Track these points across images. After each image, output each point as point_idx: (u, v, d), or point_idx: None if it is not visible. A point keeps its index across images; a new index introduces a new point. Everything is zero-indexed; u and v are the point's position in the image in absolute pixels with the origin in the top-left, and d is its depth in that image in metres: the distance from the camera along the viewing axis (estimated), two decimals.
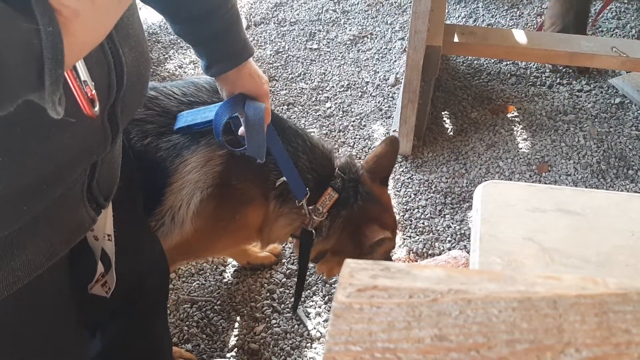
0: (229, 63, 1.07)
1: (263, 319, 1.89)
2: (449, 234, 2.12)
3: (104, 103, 0.65)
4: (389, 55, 2.99)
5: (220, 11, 1.01)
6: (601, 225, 0.96)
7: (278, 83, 2.82)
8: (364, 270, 0.44)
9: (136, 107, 0.79)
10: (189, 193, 1.29)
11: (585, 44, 2.34)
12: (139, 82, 0.74)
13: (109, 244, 0.86)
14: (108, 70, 0.64)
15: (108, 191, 0.78)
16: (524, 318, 0.40)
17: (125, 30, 0.68)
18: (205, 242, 1.45)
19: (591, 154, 2.40)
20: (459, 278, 0.43)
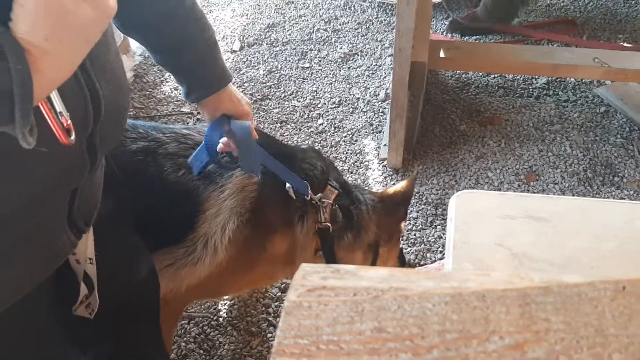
0: (208, 89, 1.12)
1: (259, 333, 1.93)
2: (440, 245, 2.17)
3: (82, 133, 0.69)
4: (379, 71, 3.06)
5: (198, 41, 1.07)
6: (567, 229, 1.01)
7: (271, 102, 2.88)
8: (316, 273, 0.50)
9: (116, 137, 0.83)
10: (225, 219, 1.31)
11: (567, 55, 2.40)
12: (117, 112, 0.79)
13: (91, 267, 0.89)
14: (85, 102, 0.68)
15: (88, 216, 0.81)
16: (454, 311, 0.46)
17: (102, 64, 0.72)
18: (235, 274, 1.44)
19: (578, 163, 2.45)
20: (400, 277, 0.48)
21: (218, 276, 1.37)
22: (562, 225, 1.02)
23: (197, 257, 1.32)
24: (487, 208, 1.06)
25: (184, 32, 1.05)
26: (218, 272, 1.36)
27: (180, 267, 1.32)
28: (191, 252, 1.31)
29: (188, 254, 1.32)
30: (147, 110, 2.80)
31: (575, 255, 0.97)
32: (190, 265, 1.32)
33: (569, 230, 1.01)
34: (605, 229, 1.02)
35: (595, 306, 0.46)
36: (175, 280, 1.34)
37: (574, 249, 0.98)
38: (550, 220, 1.03)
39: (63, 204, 0.74)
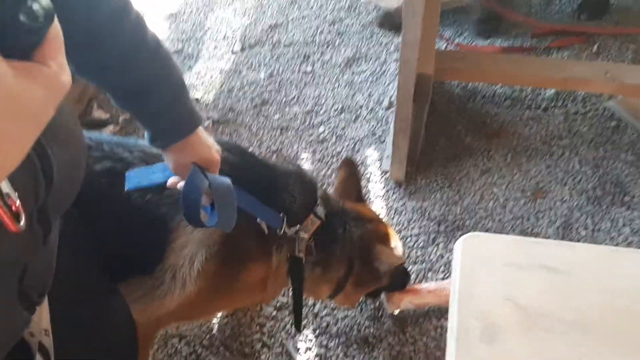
0: (176, 136, 1.01)
1: (252, 354, 1.86)
2: (442, 264, 2.09)
3: (31, 207, 0.61)
4: (383, 77, 2.97)
5: (162, 86, 0.95)
6: (581, 282, 0.94)
7: (271, 107, 2.80)
8: None
9: (71, 197, 0.75)
10: (192, 251, 1.28)
11: (578, 68, 2.32)
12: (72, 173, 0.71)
13: (47, 339, 0.81)
14: (35, 174, 0.60)
15: (42, 287, 0.74)
16: None
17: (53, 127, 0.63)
18: (207, 303, 1.43)
19: (587, 180, 2.37)
20: None
21: (189, 306, 1.34)
22: (577, 277, 0.95)
23: (166, 290, 1.29)
24: (496, 254, 0.99)
25: (147, 76, 0.93)
26: (188, 303, 1.32)
27: (149, 301, 1.29)
28: (159, 285, 1.28)
29: (156, 287, 1.28)
30: None
31: (591, 314, 0.89)
32: (159, 298, 1.29)
33: (584, 283, 0.94)
34: (622, 281, 0.95)
35: None
36: (145, 312, 1.30)
37: (590, 306, 0.91)
38: (564, 271, 0.95)
39: (13, 283, 0.65)
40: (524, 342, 0.85)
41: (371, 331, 1.90)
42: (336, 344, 1.87)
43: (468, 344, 0.85)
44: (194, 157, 1.04)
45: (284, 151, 2.55)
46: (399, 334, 1.89)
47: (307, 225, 1.43)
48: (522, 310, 0.90)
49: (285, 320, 1.94)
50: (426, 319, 1.92)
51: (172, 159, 1.05)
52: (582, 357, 0.83)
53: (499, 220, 2.24)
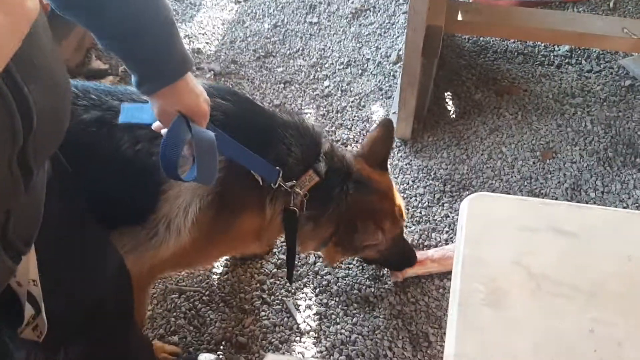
0: (164, 79, 0.94)
1: (252, 311, 1.84)
2: (446, 224, 2.05)
3: (9, 150, 0.58)
4: (391, 30, 2.87)
5: (150, 25, 0.88)
6: (596, 248, 0.89)
7: (275, 59, 2.72)
8: None
9: (55, 143, 0.71)
10: (186, 201, 1.25)
11: (594, 23, 2.22)
12: (55, 117, 0.67)
13: (35, 288, 0.79)
14: (10, 115, 0.56)
15: (28, 236, 0.71)
16: None
17: (30, 64, 0.59)
18: (202, 251, 1.43)
19: (598, 140, 2.30)
20: None
21: (183, 255, 1.34)
22: (590, 242, 0.90)
23: (160, 240, 1.27)
24: (505, 216, 0.94)
25: (135, 14, 0.86)
26: (182, 252, 1.32)
27: (143, 251, 1.28)
28: (154, 235, 1.27)
29: (150, 237, 1.27)
30: None
31: (604, 280, 0.85)
32: (154, 247, 1.28)
33: (597, 248, 0.89)
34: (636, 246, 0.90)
35: None
36: (140, 261, 1.29)
37: (603, 272, 0.86)
38: (578, 235, 0.90)
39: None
40: (530, 308, 0.81)
41: (372, 290, 1.88)
42: (336, 302, 1.85)
43: (471, 308, 0.81)
44: (180, 105, 0.98)
45: (287, 105, 2.48)
46: (400, 293, 1.86)
47: (304, 181, 1.40)
48: (530, 275, 0.85)
49: (285, 278, 1.91)
50: (428, 279, 1.89)
51: (157, 104, 0.99)
52: (591, 323, 0.79)
53: (507, 180, 2.18)
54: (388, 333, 1.77)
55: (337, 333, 1.78)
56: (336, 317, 1.82)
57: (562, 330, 0.79)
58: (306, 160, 1.41)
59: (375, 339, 1.76)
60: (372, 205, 1.52)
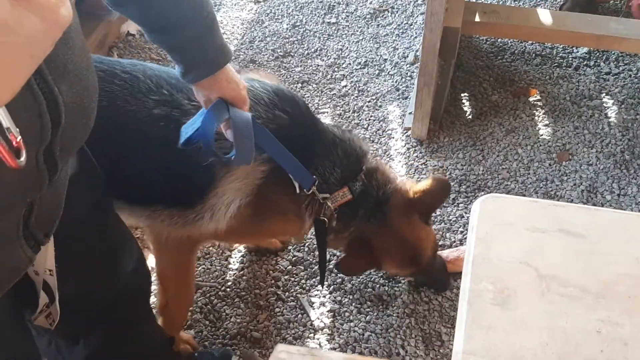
0: (205, 70, 1.03)
1: (267, 307, 1.87)
2: (461, 224, 2.06)
3: (37, 146, 0.61)
4: (409, 30, 2.88)
5: (194, 19, 0.96)
6: (605, 249, 0.90)
7: (293, 59, 2.75)
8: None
9: (81, 139, 0.75)
10: (229, 199, 1.39)
11: (613, 25, 2.21)
12: (82, 116, 0.70)
13: (51, 278, 0.83)
14: (39, 113, 0.59)
15: (49, 227, 0.74)
16: None
17: (62, 65, 0.63)
18: (236, 237, 1.67)
19: (615, 143, 2.30)
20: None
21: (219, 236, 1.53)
22: (599, 243, 0.91)
23: (203, 224, 1.41)
24: (515, 217, 0.95)
25: (180, 9, 0.94)
26: (219, 234, 1.48)
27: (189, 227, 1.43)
28: (199, 219, 1.41)
29: (197, 220, 1.41)
30: (164, 62, 2.68)
31: (612, 282, 0.86)
32: (198, 227, 1.42)
33: (606, 250, 0.90)
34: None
35: None
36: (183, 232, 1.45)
37: (611, 273, 0.87)
38: (587, 236, 0.92)
39: (17, 221, 0.66)
40: (538, 307, 0.82)
41: (385, 289, 1.90)
42: (350, 300, 1.87)
43: (480, 306, 0.82)
44: (220, 92, 1.07)
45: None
46: (413, 292, 1.88)
47: (337, 196, 1.47)
48: (539, 275, 0.87)
49: (300, 275, 1.94)
50: None
51: (201, 93, 1.10)
52: (599, 324, 0.80)
53: (522, 182, 2.19)
54: (401, 331, 1.79)
55: (350, 330, 1.80)
56: (350, 314, 1.84)
57: (569, 330, 0.80)
58: (344, 178, 1.48)
59: (388, 337, 1.78)
60: (376, 238, 1.56)
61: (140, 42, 2.80)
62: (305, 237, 1.95)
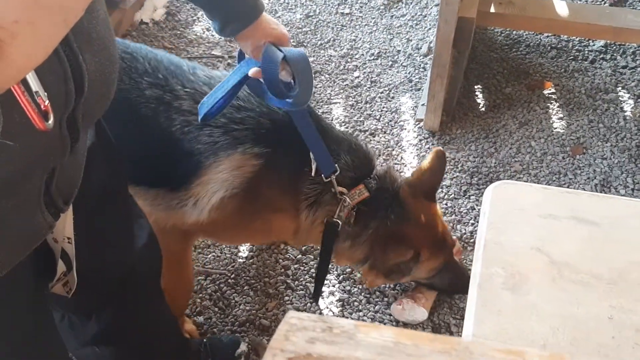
0: (242, 23, 1.08)
1: (276, 295, 1.87)
2: (472, 217, 2.05)
3: (61, 112, 0.62)
4: (423, 22, 2.86)
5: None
6: (618, 237, 0.89)
7: (306, 49, 2.74)
8: (303, 330, 0.40)
9: (101, 110, 0.76)
10: (214, 188, 1.37)
11: (631, 18, 2.18)
12: (104, 85, 0.71)
13: (69, 246, 0.84)
14: (65, 79, 0.61)
15: (68, 194, 0.75)
16: None
17: (87, 34, 0.64)
18: (219, 232, 1.55)
19: (630, 137, 2.27)
20: (407, 347, 0.38)
21: (205, 229, 1.47)
22: (612, 231, 0.90)
23: (187, 211, 1.40)
24: (528, 204, 0.94)
25: None
26: (204, 227, 1.44)
27: (172, 213, 1.41)
28: (182, 206, 1.40)
29: (181, 206, 1.40)
30: (177, 51, 2.69)
31: (625, 269, 0.85)
32: (181, 215, 1.41)
33: (620, 237, 0.89)
34: None
35: None
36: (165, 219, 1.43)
37: (624, 261, 0.86)
38: (600, 224, 0.90)
39: (39, 186, 0.67)
40: (549, 293, 0.81)
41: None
42: (359, 290, 1.87)
43: (490, 291, 0.82)
44: (266, 36, 1.10)
45: (316, 95, 2.50)
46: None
47: (354, 193, 1.42)
48: (550, 261, 0.86)
49: (309, 265, 1.93)
50: None
51: (247, 43, 1.13)
52: (610, 310, 0.79)
53: (535, 175, 2.17)
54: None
55: (359, 320, 1.80)
56: (358, 304, 1.83)
57: (581, 316, 0.79)
58: (358, 174, 1.44)
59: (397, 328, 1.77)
60: (407, 230, 1.49)
61: (153, 31, 2.81)
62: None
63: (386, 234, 1.46)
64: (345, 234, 1.46)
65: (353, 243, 1.48)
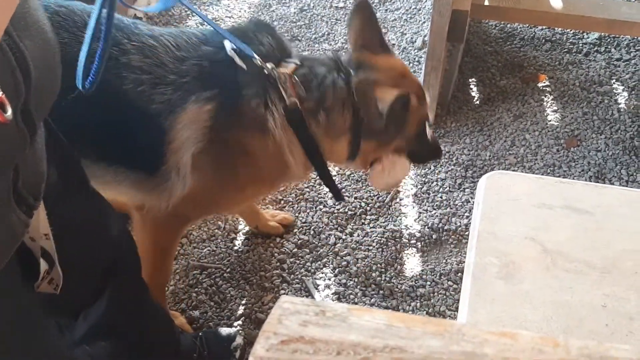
0: None
1: (272, 288, 1.87)
2: (467, 209, 2.05)
3: (15, 103, 0.61)
4: (417, 15, 2.86)
5: None
6: (611, 226, 0.89)
7: (301, 43, 2.73)
8: (296, 314, 0.40)
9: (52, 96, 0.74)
10: (184, 149, 1.30)
11: (625, 10, 2.18)
12: (49, 70, 0.70)
13: (48, 242, 0.82)
14: (11, 69, 0.60)
15: (36, 189, 0.74)
16: None
17: (23, 20, 0.63)
18: (211, 194, 1.43)
19: (625, 129, 2.28)
20: (400, 330, 0.38)
21: (194, 196, 1.37)
22: (605, 220, 0.90)
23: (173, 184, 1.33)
24: (521, 194, 0.94)
25: None
26: (193, 193, 1.35)
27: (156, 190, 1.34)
28: (167, 180, 1.33)
29: (165, 183, 1.33)
30: None
31: (618, 257, 0.85)
32: (168, 192, 1.33)
33: (613, 226, 0.89)
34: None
35: None
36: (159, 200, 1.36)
37: (617, 250, 0.86)
38: (593, 213, 0.91)
39: (7, 183, 0.66)
40: (543, 281, 0.82)
41: (391, 272, 1.89)
42: (355, 282, 1.87)
43: (484, 280, 0.82)
44: None
45: None
46: (417, 276, 1.88)
47: (281, 65, 1.32)
48: (544, 250, 0.86)
49: (305, 258, 1.94)
50: (446, 264, 1.90)
51: None
52: (604, 298, 0.79)
53: (530, 167, 2.17)
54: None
55: None
56: (354, 297, 1.84)
57: (574, 304, 0.80)
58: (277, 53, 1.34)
59: None
60: (385, 77, 1.36)
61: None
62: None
63: (362, 90, 1.31)
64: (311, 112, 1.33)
65: (328, 114, 1.34)
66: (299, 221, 2.02)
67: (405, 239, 1.97)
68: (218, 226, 2.01)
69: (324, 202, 2.07)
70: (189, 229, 1.96)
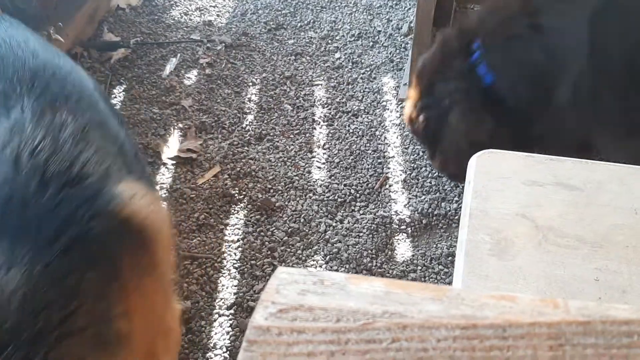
0: None
1: (263, 277, 1.87)
2: (456, 194, 2.06)
3: None
4: (403, 1, 2.86)
5: None
6: (601, 201, 0.90)
7: (286, 31, 2.72)
8: (294, 283, 0.39)
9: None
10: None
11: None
12: None
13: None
14: None
15: None
16: (465, 349, 0.35)
17: None
18: None
19: None
20: (398, 296, 0.38)
21: None
22: (596, 195, 0.90)
23: None
24: (511, 172, 0.94)
25: None
26: None
27: None
28: None
29: None
30: (155, 36, 2.66)
31: (610, 232, 0.86)
32: None
33: (603, 201, 0.90)
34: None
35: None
36: None
37: (608, 224, 0.87)
38: (584, 189, 0.91)
39: None
40: (536, 257, 0.82)
41: (381, 258, 1.90)
42: (346, 269, 1.87)
43: (477, 257, 0.82)
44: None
45: (297, 77, 2.49)
46: (409, 261, 1.88)
47: None
48: (536, 226, 0.86)
49: (296, 246, 1.93)
50: (437, 249, 1.91)
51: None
52: (596, 272, 0.80)
53: None
54: None
55: None
56: None
57: (567, 278, 0.80)
58: None
59: None
60: None
61: (130, 17, 2.77)
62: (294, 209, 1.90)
63: None
64: None
65: None
66: (288, 209, 2.01)
67: (396, 225, 1.97)
68: (207, 215, 2.00)
69: (313, 189, 2.07)
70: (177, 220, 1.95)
